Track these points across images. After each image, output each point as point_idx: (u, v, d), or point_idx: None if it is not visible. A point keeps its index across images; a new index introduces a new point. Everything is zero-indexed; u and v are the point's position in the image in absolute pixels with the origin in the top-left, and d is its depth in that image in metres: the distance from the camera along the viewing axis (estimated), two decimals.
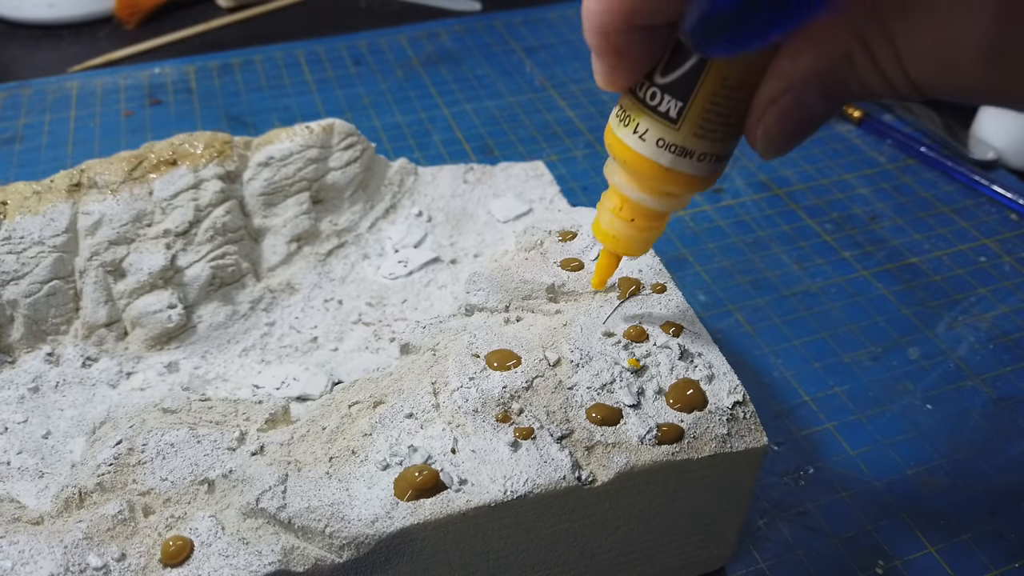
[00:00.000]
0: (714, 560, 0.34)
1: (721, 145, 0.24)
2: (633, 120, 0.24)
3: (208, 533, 0.26)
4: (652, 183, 0.25)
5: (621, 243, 0.28)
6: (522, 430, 0.28)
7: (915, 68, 0.19)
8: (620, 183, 0.26)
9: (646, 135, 0.24)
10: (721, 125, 0.23)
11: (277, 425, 0.31)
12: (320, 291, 0.40)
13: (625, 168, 0.25)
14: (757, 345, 0.45)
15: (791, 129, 0.22)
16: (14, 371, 0.35)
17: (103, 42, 0.72)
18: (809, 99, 0.21)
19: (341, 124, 0.41)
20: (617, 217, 0.27)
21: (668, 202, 0.26)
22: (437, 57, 0.70)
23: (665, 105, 0.23)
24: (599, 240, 0.28)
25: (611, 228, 0.28)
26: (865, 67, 0.19)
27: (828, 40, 0.20)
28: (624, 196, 0.26)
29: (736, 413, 0.29)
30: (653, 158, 0.24)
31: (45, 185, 0.37)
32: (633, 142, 0.24)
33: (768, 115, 0.21)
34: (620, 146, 0.25)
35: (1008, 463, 0.39)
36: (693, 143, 0.23)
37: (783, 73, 0.21)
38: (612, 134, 0.25)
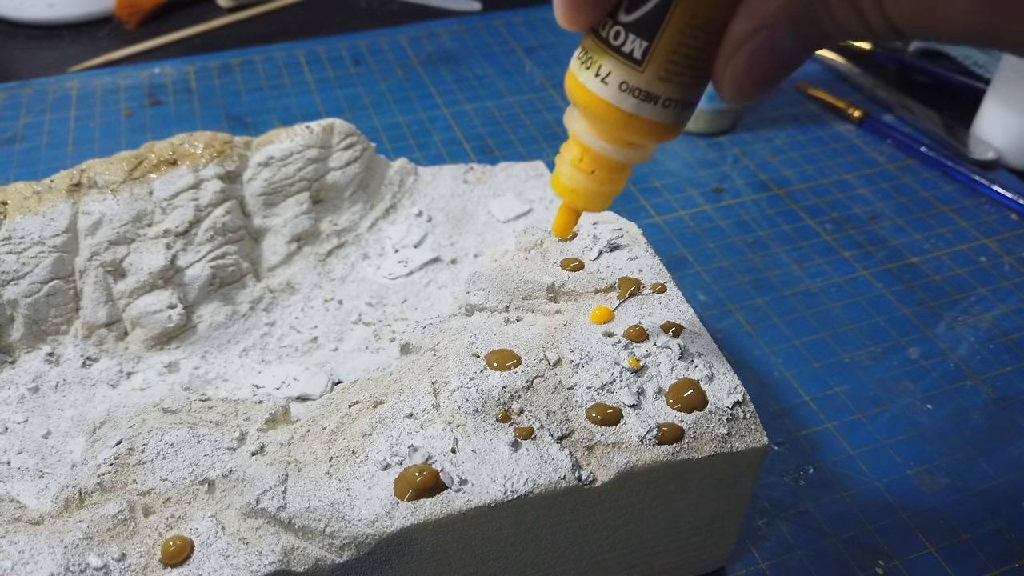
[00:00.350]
0: (714, 560, 0.34)
1: (687, 90, 0.22)
2: (595, 62, 0.23)
3: (208, 533, 0.26)
4: (614, 130, 0.24)
5: (581, 197, 0.26)
6: (522, 430, 0.28)
7: (895, 6, 0.18)
8: (580, 131, 0.25)
9: (608, 78, 0.22)
10: (688, 68, 0.22)
11: (277, 425, 0.31)
12: (320, 291, 0.40)
13: (586, 115, 0.24)
14: (757, 345, 0.45)
15: (761, 73, 0.20)
16: (14, 371, 0.35)
17: (103, 42, 0.72)
18: (781, 40, 0.20)
19: (341, 124, 0.41)
20: (577, 169, 0.25)
21: (631, 153, 0.25)
22: (437, 57, 0.70)
23: (629, 45, 0.22)
24: (557, 194, 0.27)
25: (570, 181, 0.26)
26: (841, 5, 0.18)
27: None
28: (585, 146, 0.25)
29: (736, 413, 0.29)
30: (616, 103, 0.23)
31: (45, 185, 0.37)
32: (595, 85, 0.23)
33: (737, 57, 0.20)
34: (581, 90, 0.23)
35: (1008, 463, 0.39)
36: (658, 87, 0.22)
37: (754, 12, 0.19)
38: (572, 78, 0.23)
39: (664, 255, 0.50)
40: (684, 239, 0.52)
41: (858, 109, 0.62)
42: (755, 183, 0.57)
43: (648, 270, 0.34)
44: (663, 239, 0.52)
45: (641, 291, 0.33)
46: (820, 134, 0.62)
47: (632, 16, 0.21)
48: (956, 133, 0.59)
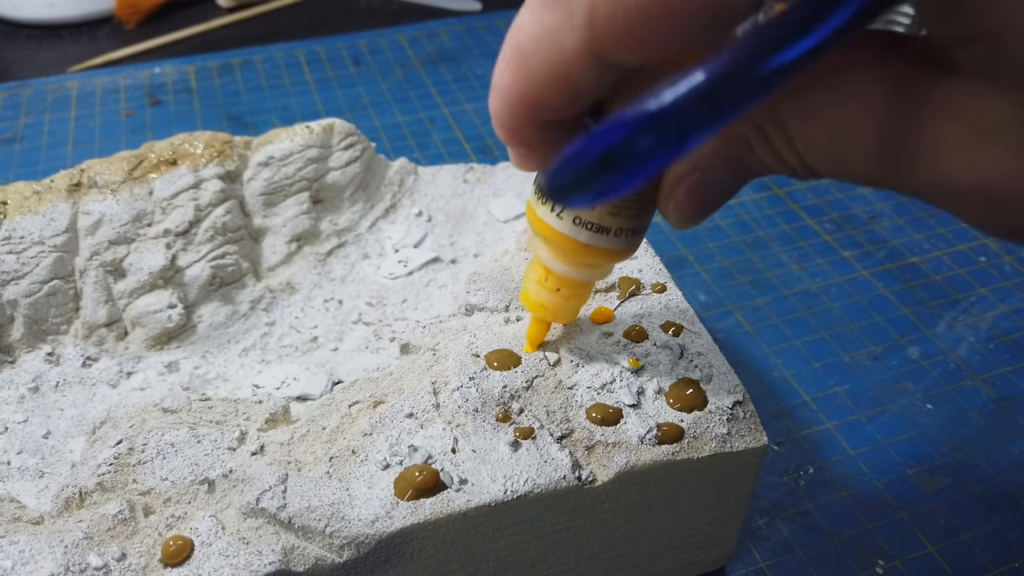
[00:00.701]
0: (714, 560, 0.34)
1: (636, 220, 0.25)
2: (550, 200, 0.25)
3: (208, 533, 0.26)
4: (573, 257, 0.26)
5: (549, 311, 0.29)
6: (522, 430, 0.28)
7: (809, 156, 0.19)
8: (543, 256, 0.27)
9: (563, 214, 0.25)
10: (634, 202, 0.24)
11: (277, 425, 0.31)
12: (320, 291, 0.40)
13: (546, 243, 0.26)
14: (757, 345, 0.45)
15: (700, 204, 0.22)
16: (14, 371, 0.35)
17: (103, 42, 0.72)
18: (715, 176, 0.21)
19: (341, 124, 0.41)
20: (543, 287, 0.28)
21: (590, 272, 0.27)
22: (437, 57, 0.70)
23: None
24: (528, 308, 0.29)
25: (538, 297, 0.28)
26: (764, 151, 0.20)
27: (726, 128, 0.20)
28: (548, 268, 0.27)
29: (736, 413, 0.29)
30: (572, 235, 0.25)
31: (45, 185, 0.37)
32: (552, 220, 0.25)
33: (677, 192, 0.22)
34: (540, 224, 0.25)
35: (1008, 463, 0.39)
36: (608, 220, 0.24)
37: (688, 156, 0.21)
38: (532, 211, 0.26)
39: (664, 255, 0.50)
40: (684, 239, 0.52)
41: None
42: (755, 183, 0.57)
43: (648, 270, 0.34)
44: (663, 239, 0.52)
45: (641, 291, 0.33)
46: None
47: None
48: None
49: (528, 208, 0.26)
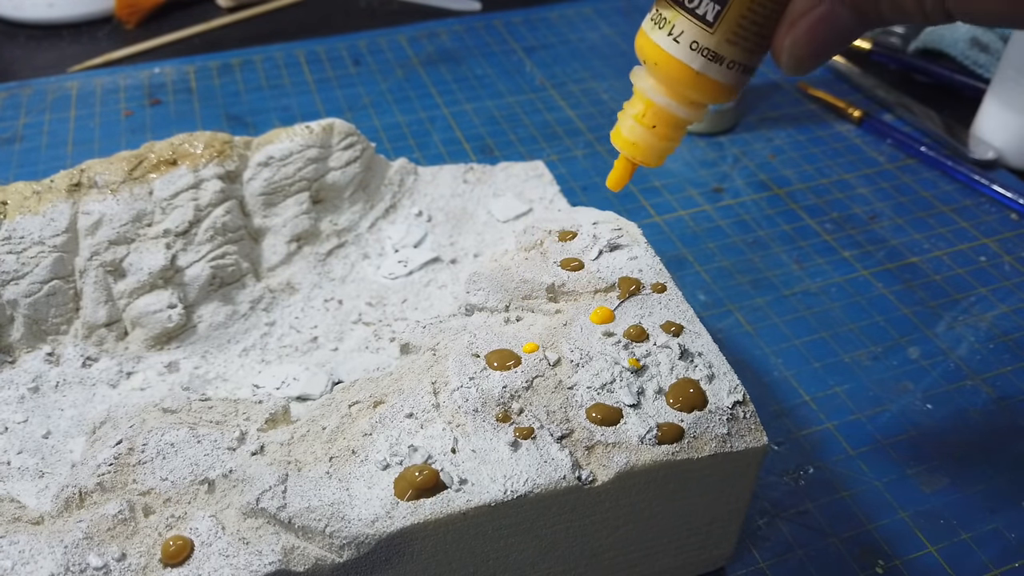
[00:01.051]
0: (714, 560, 0.34)
1: (750, 55, 0.24)
2: (668, 22, 0.25)
3: (208, 533, 0.26)
4: (681, 87, 0.26)
5: (640, 150, 0.28)
6: (522, 430, 0.28)
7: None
8: (647, 87, 0.27)
9: (680, 37, 0.24)
10: (754, 33, 0.24)
11: (277, 425, 0.31)
12: (320, 291, 0.40)
13: (655, 71, 0.26)
14: (757, 345, 0.45)
15: (819, 43, 0.22)
16: (14, 371, 0.35)
17: (103, 42, 0.72)
18: (841, 14, 0.21)
19: (341, 124, 0.41)
20: (639, 123, 0.27)
21: (691, 111, 0.27)
22: (437, 57, 0.70)
23: (703, 7, 0.24)
24: (617, 147, 0.29)
25: (631, 134, 0.28)
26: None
27: None
28: (649, 101, 0.27)
29: (736, 413, 0.29)
30: (685, 60, 0.25)
31: (45, 185, 0.37)
32: (667, 43, 0.25)
33: (798, 27, 0.22)
34: (653, 48, 0.25)
35: (1008, 463, 0.39)
36: (726, 48, 0.24)
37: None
38: (645, 36, 0.25)
39: (664, 255, 0.50)
40: (684, 239, 0.52)
41: (858, 109, 0.62)
42: (755, 183, 0.57)
43: (648, 270, 0.34)
44: (663, 239, 0.52)
45: (641, 291, 0.33)
46: (820, 134, 0.62)
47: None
48: (956, 133, 0.59)
49: (641, 35, 0.26)
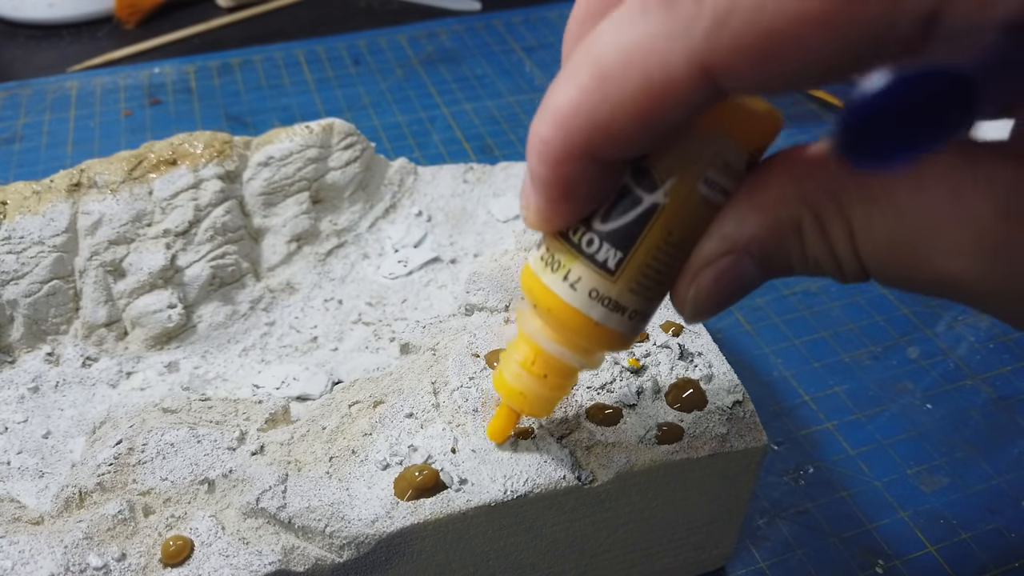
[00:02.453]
0: (714, 560, 0.34)
1: (650, 304, 0.22)
2: (564, 266, 0.22)
3: (208, 533, 0.26)
4: (576, 337, 0.23)
5: (528, 401, 0.25)
6: (522, 430, 0.28)
7: (867, 249, 0.17)
8: (536, 334, 0.24)
9: (578, 284, 0.21)
10: (656, 282, 0.21)
11: (277, 425, 0.31)
12: (320, 291, 0.40)
13: (548, 318, 0.23)
14: (757, 345, 0.45)
15: (722, 295, 0.20)
16: (14, 371, 0.35)
17: (103, 42, 0.72)
18: (746, 266, 0.19)
19: (341, 124, 0.41)
20: (528, 372, 0.24)
21: (586, 359, 0.24)
22: (437, 57, 0.70)
23: (604, 254, 0.21)
24: (501, 395, 0.26)
25: (518, 383, 0.25)
26: (813, 241, 0.18)
27: (777, 204, 0.18)
28: (539, 348, 0.24)
29: (736, 413, 0.29)
30: (584, 310, 0.22)
31: (45, 185, 0.37)
32: (562, 291, 0.22)
33: (702, 276, 0.20)
34: (546, 293, 0.22)
35: (1008, 463, 0.39)
36: (628, 298, 0.21)
37: (726, 235, 0.19)
38: (535, 279, 0.22)
39: None
40: None
41: None
42: None
43: None
44: None
45: None
46: (820, 134, 0.62)
47: (609, 225, 0.21)
48: None
49: (528, 276, 0.23)
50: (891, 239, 0.17)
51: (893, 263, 0.17)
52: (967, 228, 0.16)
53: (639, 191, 0.20)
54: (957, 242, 0.16)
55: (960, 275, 0.16)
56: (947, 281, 0.17)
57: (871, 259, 0.17)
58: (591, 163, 0.19)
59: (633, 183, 0.20)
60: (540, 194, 0.20)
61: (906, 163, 0.15)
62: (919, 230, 0.16)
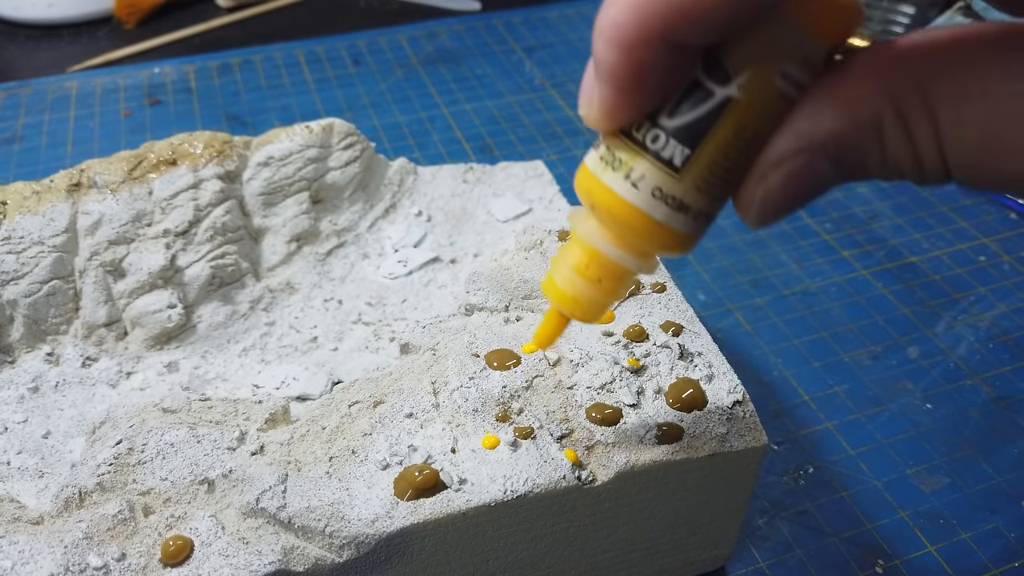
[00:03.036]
0: (714, 559, 0.34)
1: (716, 204, 0.21)
2: (625, 164, 0.21)
3: (208, 533, 0.26)
4: (637, 238, 0.22)
5: (581, 306, 0.24)
6: (522, 430, 0.28)
7: (954, 148, 0.16)
8: (593, 236, 0.22)
9: (640, 182, 0.20)
10: (724, 181, 0.20)
11: (277, 425, 0.31)
12: (320, 291, 0.40)
13: (607, 218, 0.22)
14: (757, 345, 0.45)
15: (792, 196, 0.19)
16: (14, 371, 0.35)
17: (103, 42, 0.72)
18: (821, 166, 0.18)
19: (340, 124, 0.41)
20: (581, 276, 0.23)
21: (643, 263, 0.23)
22: (437, 57, 0.70)
23: (669, 150, 0.20)
24: (551, 300, 0.24)
25: (570, 288, 0.23)
26: (895, 140, 0.17)
27: (858, 100, 0.17)
28: (595, 251, 0.23)
29: (736, 412, 0.29)
30: (646, 209, 0.21)
31: (45, 185, 0.37)
32: (623, 189, 0.21)
33: (772, 176, 0.19)
34: (605, 193, 0.21)
35: (1008, 463, 0.39)
36: (693, 197, 0.20)
37: (802, 132, 0.18)
38: (593, 179, 0.21)
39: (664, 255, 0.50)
40: None
41: None
42: None
43: None
44: None
45: (641, 291, 0.33)
46: None
47: (677, 120, 0.20)
48: None
49: (586, 176, 0.22)
50: (983, 134, 0.16)
51: (982, 160, 0.16)
52: None
53: (711, 84, 0.19)
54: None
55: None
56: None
57: (958, 157, 0.17)
58: (666, 48, 0.18)
59: (704, 76, 0.19)
60: (608, 84, 0.19)
61: None
62: (1015, 121, 0.16)
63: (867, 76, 0.17)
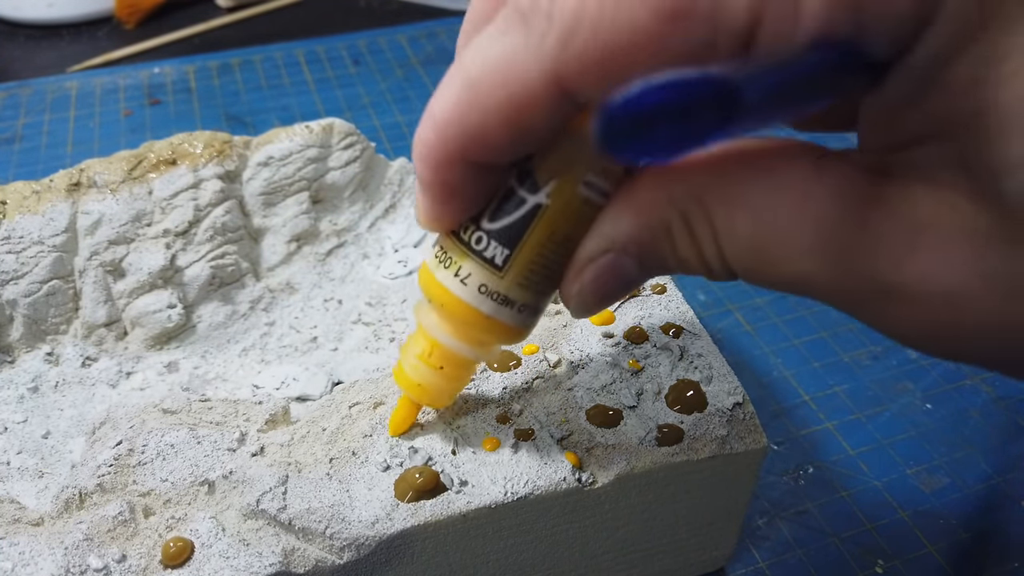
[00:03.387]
0: (714, 560, 0.34)
1: (539, 297, 0.23)
2: (455, 263, 0.23)
3: (208, 534, 0.26)
4: (469, 330, 0.24)
5: (426, 392, 0.26)
6: (522, 431, 0.28)
7: (731, 249, 0.18)
8: (433, 327, 0.25)
9: (468, 280, 0.23)
10: (543, 277, 0.23)
11: (277, 426, 0.31)
12: (320, 291, 0.40)
13: (442, 312, 0.24)
14: (757, 345, 0.45)
15: (604, 291, 0.21)
16: (14, 371, 0.35)
17: (103, 42, 0.72)
18: (625, 264, 0.20)
19: (340, 124, 0.41)
20: (425, 364, 0.26)
21: (480, 352, 0.25)
22: (437, 56, 0.70)
23: (491, 251, 0.22)
24: (401, 387, 0.27)
25: (416, 375, 0.26)
26: (683, 242, 0.19)
27: (649, 208, 0.19)
28: (435, 341, 0.25)
29: (736, 414, 0.29)
30: (474, 304, 0.23)
31: (44, 185, 0.37)
32: (453, 285, 0.23)
33: (585, 274, 0.21)
34: (439, 289, 0.23)
35: (1008, 463, 0.39)
36: (516, 292, 0.23)
37: (604, 235, 0.20)
38: (430, 275, 0.24)
39: None
40: None
41: None
42: None
43: None
44: None
45: (641, 292, 0.33)
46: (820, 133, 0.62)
47: (496, 224, 0.22)
48: None
49: (424, 271, 0.24)
50: (750, 241, 0.18)
51: (753, 264, 0.18)
52: (814, 231, 0.17)
53: (523, 192, 0.22)
54: (806, 245, 0.17)
55: (811, 275, 0.17)
56: (800, 281, 0.18)
57: (735, 260, 0.18)
58: (469, 167, 0.20)
59: (517, 184, 0.22)
60: (426, 195, 0.22)
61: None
62: (774, 232, 0.17)
63: (656, 184, 0.19)
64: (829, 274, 0.17)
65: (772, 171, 0.17)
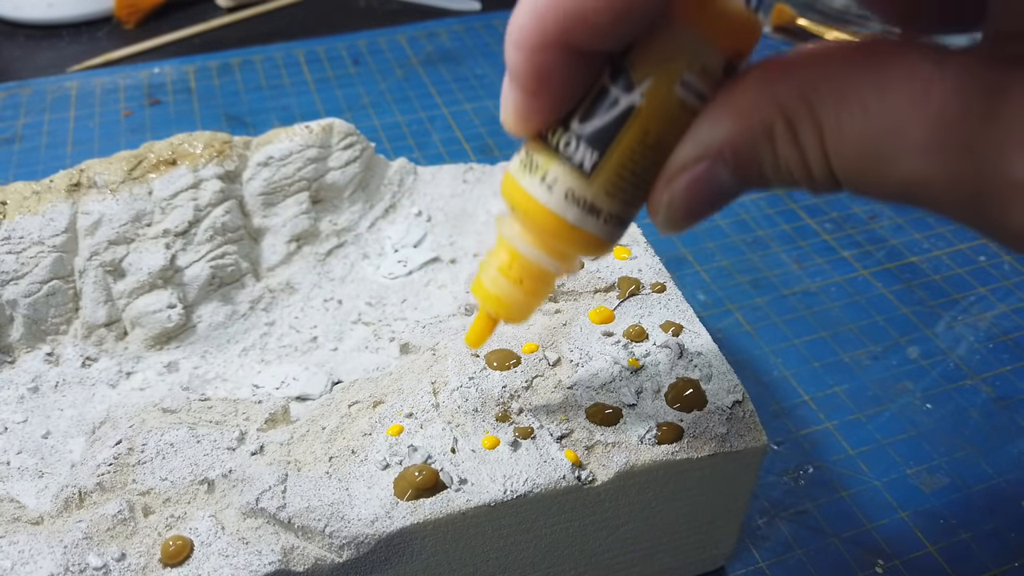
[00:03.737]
0: (714, 559, 0.34)
1: (627, 208, 0.22)
2: (541, 167, 0.22)
3: (208, 533, 0.26)
4: (552, 240, 0.23)
5: (504, 306, 0.25)
6: (522, 429, 0.28)
7: (838, 153, 0.17)
8: (514, 236, 0.24)
9: (554, 185, 0.22)
10: (632, 185, 0.21)
11: (277, 425, 0.31)
12: (320, 291, 0.40)
13: (525, 221, 0.23)
14: (757, 345, 0.45)
15: (696, 202, 0.20)
16: (14, 371, 0.35)
17: (102, 42, 0.72)
18: (720, 172, 0.19)
19: (340, 124, 0.41)
20: (504, 276, 0.24)
21: (561, 264, 0.24)
22: (437, 57, 0.70)
23: (580, 155, 0.21)
24: (479, 300, 0.26)
25: (495, 288, 0.25)
26: (785, 146, 0.18)
27: (751, 110, 0.18)
28: (516, 252, 0.24)
29: (735, 412, 0.29)
30: (559, 212, 0.22)
31: (44, 185, 0.37)
32: (539, 192, 0.22)
33: (677, 182, 0.20)
34: (522, 196, 0.22)
35: (1008, 463, 0.39)
36: (603, 200, 0.22)
37: (700, 139, 0.19)
38: (513, 182, 0.22)
39: (664, 255, 0.50)
40: (683, 238, 0.52)
41: None
42: None
43: (648, 269, 0.34)
44: (662, 239, 0.52)
45: (641, 291, 0.33)
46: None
47: (587, 126, 0.21)
48: None
49: (507, 180, 0.23)
50: (860, 141, 0.17)
51: (862, 167, 0.17)
52: (934, 127, 0.16)
53: (616, 91, 0.20)
54: (924, 141, 0.16)
55: (929, 176, 0.16)
56: (916, 182, 0.17)
57: (841, 164, 0.17)
58: (566, 52, 0.19)
59: (610, 83, 0.20)
60: (516, 86, 0.20)
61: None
62: (887, 130, 0.16)
63: (759, 86, 0.18)
64: (950, 174, 0.16)
65: (886, 66, 0.16)
